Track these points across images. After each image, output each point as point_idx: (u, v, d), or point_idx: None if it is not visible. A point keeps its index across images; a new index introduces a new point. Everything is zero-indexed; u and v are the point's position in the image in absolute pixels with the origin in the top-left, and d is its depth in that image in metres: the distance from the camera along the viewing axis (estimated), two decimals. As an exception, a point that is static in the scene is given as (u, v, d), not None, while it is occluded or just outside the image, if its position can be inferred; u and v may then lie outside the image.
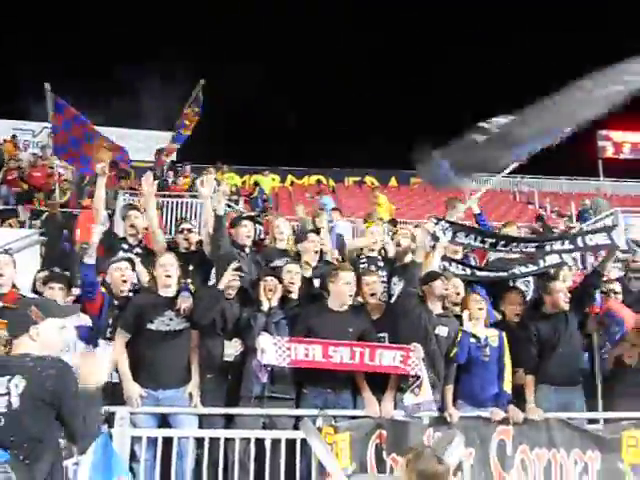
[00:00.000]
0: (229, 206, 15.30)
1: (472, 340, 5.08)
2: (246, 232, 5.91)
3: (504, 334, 5.14)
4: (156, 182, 5.67)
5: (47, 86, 8.41)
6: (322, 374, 4.81)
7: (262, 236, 8.55)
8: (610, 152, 28.96)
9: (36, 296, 5.18)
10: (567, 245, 5.31)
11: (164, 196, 13.89)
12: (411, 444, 4.63)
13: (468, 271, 5.74)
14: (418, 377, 4.70)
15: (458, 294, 5.40)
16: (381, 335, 5.09)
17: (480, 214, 6.69)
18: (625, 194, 25.92)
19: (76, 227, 9.34)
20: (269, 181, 19.21)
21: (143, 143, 21.81)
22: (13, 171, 13.71)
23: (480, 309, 5.17)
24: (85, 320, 4.82)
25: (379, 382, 4.88)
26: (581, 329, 5.36)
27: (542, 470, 4.71)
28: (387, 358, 4.76)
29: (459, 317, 5.20)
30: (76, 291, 5.30)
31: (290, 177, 22.08)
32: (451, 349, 5.02)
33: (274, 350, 4.68)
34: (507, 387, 4.99)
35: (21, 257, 6.59)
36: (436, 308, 5.14)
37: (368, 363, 4.76)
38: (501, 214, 18.37)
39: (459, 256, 6.05)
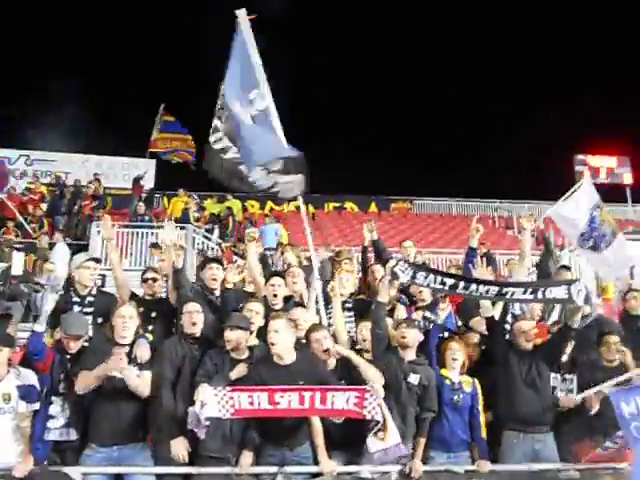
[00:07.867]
0: (206, 237, 15.14)
1: (446, 382, 5.02)
2: (212, 275, 5.81)
3: (477, 381, 5.06)
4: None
5: None
6: (278, 430, 4.57)
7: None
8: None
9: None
10: (528, 295, 5.04)
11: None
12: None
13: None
14: (378, 421, 4.39)
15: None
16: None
17: (474, 249, 6.34)
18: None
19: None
20: (237, 204, 18.49)
21: (119, 171, 21.68)
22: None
23: (454, 359, 5.08)
24: (26, 379, 4.58)
25: (345, 432, 4.68)
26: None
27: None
28: (340, 401, 4.39)
29: None
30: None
31: (269, 203, 21.88)
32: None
33: (216, 402, 4.33)
34: (484, 435, 4.93)
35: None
36: (408, 354, 5.02)
37: (319, 407, 4.40)
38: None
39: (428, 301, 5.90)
